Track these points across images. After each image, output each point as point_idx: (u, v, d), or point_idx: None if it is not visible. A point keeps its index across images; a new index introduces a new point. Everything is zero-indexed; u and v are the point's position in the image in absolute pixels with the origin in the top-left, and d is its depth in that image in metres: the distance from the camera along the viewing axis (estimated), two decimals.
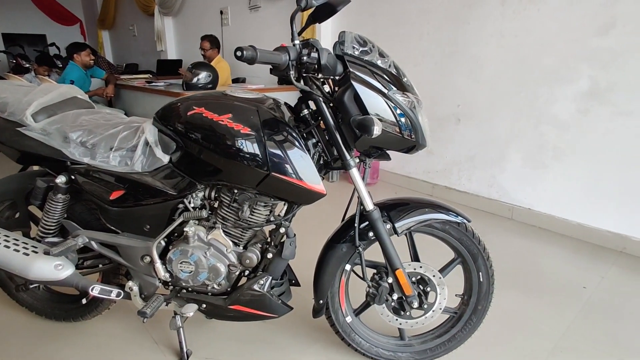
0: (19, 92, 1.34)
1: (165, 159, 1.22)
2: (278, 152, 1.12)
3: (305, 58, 1.07)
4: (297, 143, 1.14)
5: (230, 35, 5.09)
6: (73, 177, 1.31)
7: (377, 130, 0.99)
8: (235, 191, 1.24)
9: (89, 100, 1.51)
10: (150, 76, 5.46)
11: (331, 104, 1.18)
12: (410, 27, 3.18)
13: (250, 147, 1.12)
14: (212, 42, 4.16)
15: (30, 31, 9.48)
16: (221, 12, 5.11)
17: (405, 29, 3.22)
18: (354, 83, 1.09)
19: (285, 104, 1.31)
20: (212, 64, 4.10)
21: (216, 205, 1.30)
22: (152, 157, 1.23)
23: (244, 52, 0.95)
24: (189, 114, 1.17)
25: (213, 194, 1.27)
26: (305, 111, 1.22)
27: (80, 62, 3.88)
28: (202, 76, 3.40)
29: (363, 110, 1.10)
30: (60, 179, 1.29)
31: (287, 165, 1.13)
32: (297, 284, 1.47)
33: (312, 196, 1.17)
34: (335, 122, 1.17)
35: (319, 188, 1.16)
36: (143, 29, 7.28)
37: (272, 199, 1.23)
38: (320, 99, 1.15)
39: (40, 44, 9.45)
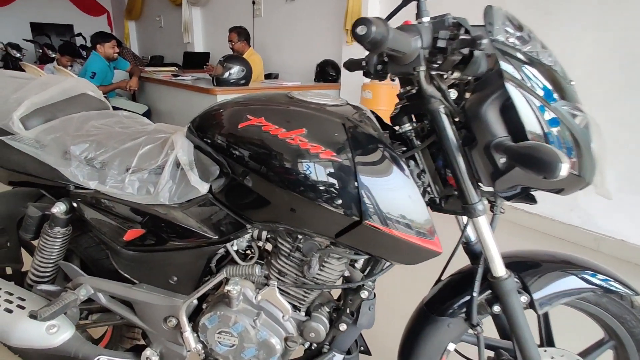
0: (8, 86, 0.99)
1: (204, 187, 0.85)
2: (376, 188, 0.74)
3: (442, 44, 0.67)
4: (403, 176, 0.75)
5: (262, 28, 4.72)
6: (75, 204, 0.95)
7: (564, 171, 0.59)
8: (300, 237, 0.86)
9: (103, 99, 1.15)
10: (176, 69, 5.15)
11: (455, 118, 0.77)
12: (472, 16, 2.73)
13: (334, 179, 0.73)
14: (240, 33, 3.80)
15: (58, 21, 9.35)
16: (253, 2, 4.75)
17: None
18: (509, 87, 0.69)
19: (372, 112, 0.92)
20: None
21: (266, 247, 0.93)
22: (184, 184, 0.86)
23: (372, 29, 0.56)
24: (241, 126, 0.79)
25: (264, 234, 0.90)
26: (407, 126, 0.83)
27: (103, 53, 3.58)
28: (235, 70, 3.04)
29: (516, 130, 0.70)
30: (58, 208, 0.94)
31: (389, 210, 0.74)
32: (368, 352, 1.09)
33: (420, 254, 0.78)
34: (461, 145, 0.76)
35: (433, 245, 0.77)
36: (170, 20, 7.01)
37: (355, 252, 0.85)
38: (442, 109, 0.75)
39: (67, 34, 9.32)
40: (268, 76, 4.24)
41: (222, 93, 2.90)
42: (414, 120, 0.84)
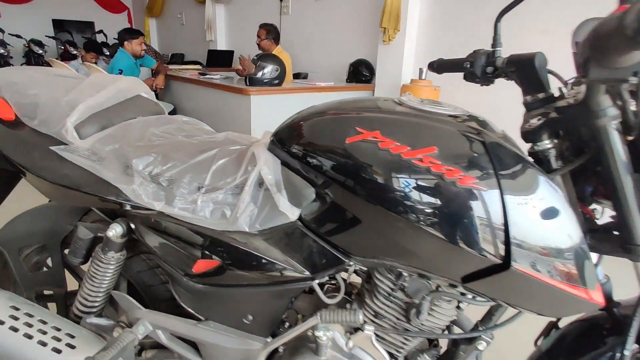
0: (57, 87, 0.86)
1: (294, 213, 0.70)
2: (528, 224, 0.58)
3: None
4: (563, 208, 0.59)
5: (289, 26, 4.57)
6: (134, 226, 0.81)
7: None
8: (404, 273, 0.71)
9: (157, 101, 1.01)
10: (201, 67, 5.04)
11: (629, 137, 0.61)
12: None
13: (474, 211, 0.58)
14: (270, 31, 3.65)
15: (79, 18, 9.35)
16: (281, 0, 4.61)
17: None
18: None
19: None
20: None
21: (354, 278, 0.78)
22: (268, 207, 0.72)
23: None
24: (349, 141, 0.64)
25: (354, 266, 0.74)
26: (547, 143, 0.66)
27: (130, 50, 3.47)
28: (268, 70, 2.90)
29: None
30: (114, 231, 0.80)
31: (544, 251, 0.58)
32: None
33: (575, 306, 0.63)
34: (633, 171, 0.60)
35: (594, 295, 0.61)
36: (192, 17, 6.91)
37: (476, 296, 0.69)
38: (612, 125, 0.58)
39: (88, 31, 9.32)
40: (296, 76, 4.10)
41: (257, 93, 2.76)
42: (554, 135, 0.68)
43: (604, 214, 0.70)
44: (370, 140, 0.62)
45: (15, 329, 0.77)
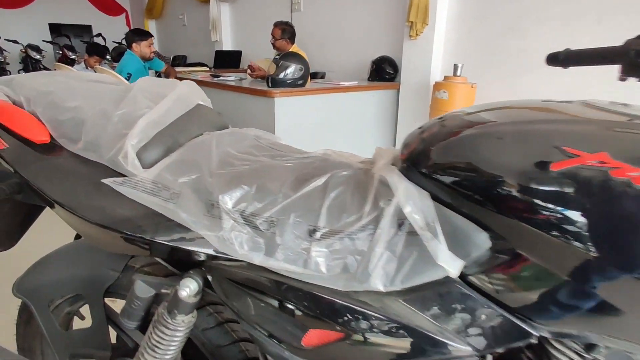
0: (102, 97, 0.65)
1: (456, 267, 0.50)
2: None
3: None
4: None
5: (301, 23, 4.36)
6: (212, 279, 0.61)
7: None
8: (600, 345, 0.50)
9: (213, 109, 0.81)
10: (209, 69, 4.83)
11: None
12: None
13: None
14: (285, 30, 3.44)
15: (76, 21, 9.12)
16: None
17: None
18: None
19: None
20: None
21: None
22: (414, 258, 0.51)
23: None
24: (557, 167, 0.44)
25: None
26: None
27: (139, 53, 3.26)
28: (292, 70, 2.69)
29: None
30: (188, 289, 0.59)
31: None
32: None
33: None
34: None
35: None
36: (194, 17, 6.70)
37: None
38: None
39: (85, 35, 9.10)
40: (313, 76, 3.89)
41: (280, 95, 2.55)
42: None
43: None
44: (592, 167, 0.42)
45: None
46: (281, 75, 2.68)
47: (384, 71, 3.35)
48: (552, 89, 2.55)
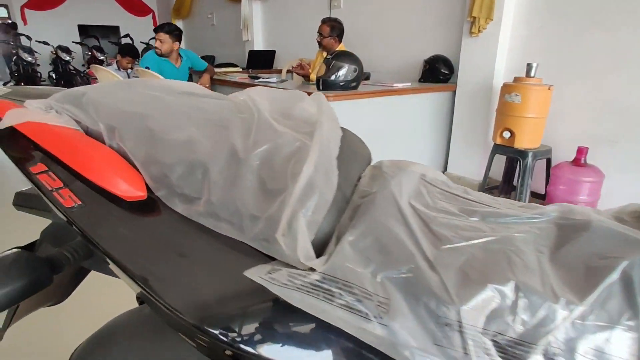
0: (217, 121, 0.41)
1: None
2: None
3: None
4: None
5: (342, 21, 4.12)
6: None
7: None
8: None
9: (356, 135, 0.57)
10: (242, 70, 4.65)
11: None
12: None
13: None
14: (334, 27, 3.20)
15: (104, 22, 9.13)
16: None
17: None
18: None
19: None
20: None
21: None
22: None
23: None
24: None
25: None
26: None
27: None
28: (345, 71, 2.46)
29: None
30: None
31: None
32: None
33: None
34: None
35: None
36: (223, 17, 6.55)
37: None
38: None
39: (113, 36, 9.10)
40: None
41: (334, 99, 2.32)
42: None
43: None
44: None
45: None
46: (333, 77, 2.45)
47: (438, 71, 3.08)
48: (633, 89, 2.24)
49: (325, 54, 3.33)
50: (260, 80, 3.19)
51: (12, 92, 0.65)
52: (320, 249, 0.35)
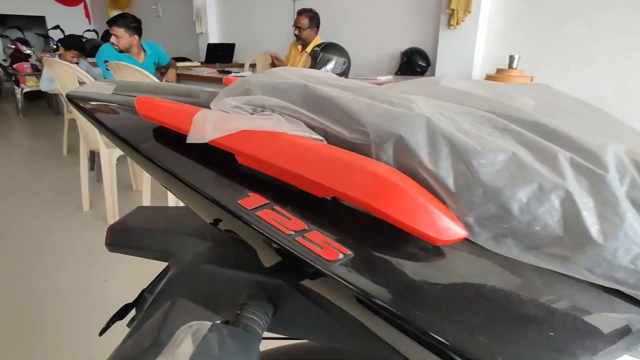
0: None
1: None
2: None
3: None
4: None
5: None
6: None
7: None
8: None
9: None
10: (199, 64, 4.35)
11: None
12: None
13: None
14: (313, 18, 3.07)
15: (26, 12, 8.17)
16: None
17: None
18: None
19: None
20: (307, 50, 3.04)
21: None
22: None
23: None
24: None
25: None
26: None
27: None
28: (333, 64, 2.35)
29: None
30: None
31: None
32: None
33: None
34: None
35: None
36: (170, 8, 6.12)
37: None
38: None
39: (38, 27, 8.19)
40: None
41: None
42: None
43: None
44: None
45: None
46: (322, 70, 2.33)
47: (415, 64, 3.07)
48: (612, 84, 2.38)
49: (300, 47, 3.19)
50: (232, 75, 2.98)
51: (117, 87, 0.48)
52: None
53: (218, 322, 0.31)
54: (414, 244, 0.27)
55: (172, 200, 2.14)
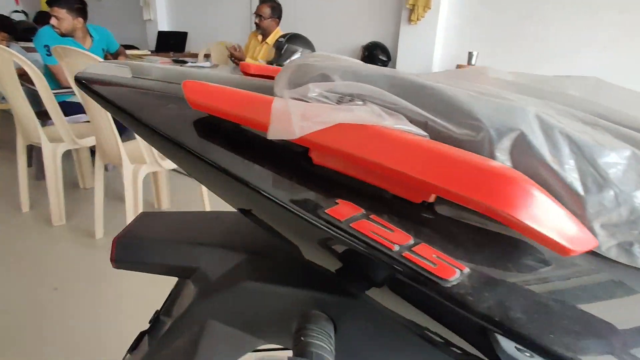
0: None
1: None
2: None
3: None
4: None
5: None
6: None
7: None
8: None
9: None
10: (149, 52, 4.08)
11: None
12: None
13: None
14: (275, 8, 2.96)
15: None
16: None
17: None
18: None
19: None
20: (268, 41, 2.95)
21: None
22: None
23: None
24: None
25: None
26: None
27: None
28: (299, 55, 2.28)
29: None
30: None
31: None
32: None
33: None
34: None
35: None
36: None
37: None
38: None
39: None
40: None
41: None
42: None
43: None
44: None
45: None
46: (287, 62, 2.26)
47: (376, 58, 3.09)
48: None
49: (260, 37, 3.09)
50: (189, 65, 2.82)
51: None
52: None
53: (288, 355, 0.26)
54: (530, 255, 0.24)
55: (130, 196, 1.96)
